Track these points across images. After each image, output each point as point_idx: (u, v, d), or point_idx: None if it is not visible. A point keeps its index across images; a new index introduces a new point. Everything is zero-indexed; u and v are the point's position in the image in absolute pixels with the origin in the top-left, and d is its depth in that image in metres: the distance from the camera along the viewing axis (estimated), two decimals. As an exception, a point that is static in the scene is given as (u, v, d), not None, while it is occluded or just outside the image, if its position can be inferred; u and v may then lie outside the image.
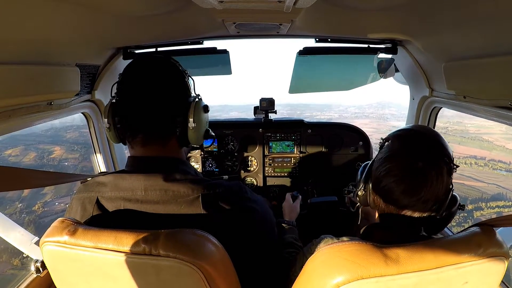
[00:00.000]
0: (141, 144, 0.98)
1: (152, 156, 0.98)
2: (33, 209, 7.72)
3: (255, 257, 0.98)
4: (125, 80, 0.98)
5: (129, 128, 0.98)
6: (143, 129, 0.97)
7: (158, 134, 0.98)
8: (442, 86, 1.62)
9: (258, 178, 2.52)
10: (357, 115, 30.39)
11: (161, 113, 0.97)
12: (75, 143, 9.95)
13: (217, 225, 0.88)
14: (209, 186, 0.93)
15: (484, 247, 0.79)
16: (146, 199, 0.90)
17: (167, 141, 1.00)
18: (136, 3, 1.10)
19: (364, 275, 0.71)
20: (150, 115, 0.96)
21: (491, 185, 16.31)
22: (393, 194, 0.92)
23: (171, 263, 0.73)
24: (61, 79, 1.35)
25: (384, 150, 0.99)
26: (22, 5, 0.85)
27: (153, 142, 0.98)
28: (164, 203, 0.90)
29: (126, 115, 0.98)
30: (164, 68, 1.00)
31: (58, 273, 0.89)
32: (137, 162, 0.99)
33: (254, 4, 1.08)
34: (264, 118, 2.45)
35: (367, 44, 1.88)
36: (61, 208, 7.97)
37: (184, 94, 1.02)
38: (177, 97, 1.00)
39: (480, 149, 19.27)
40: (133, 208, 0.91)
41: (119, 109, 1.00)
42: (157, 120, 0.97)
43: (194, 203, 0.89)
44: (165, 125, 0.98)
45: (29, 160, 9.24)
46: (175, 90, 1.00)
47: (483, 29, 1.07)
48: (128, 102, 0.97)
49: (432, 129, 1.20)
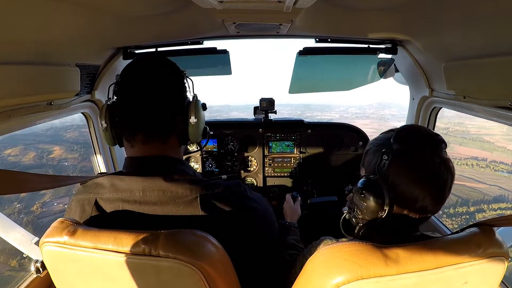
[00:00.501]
0: (141, 142, 0.98)
1: (151, 156, 0.98)
2: (31, 209, 7.66)
3: (256, 257, 0.98)
4: (124, 81, 0.99)
5: (128, 128, 0.98)
6: (143, 127, 0.97)
7: (158, 132, 0.98)
8: (442, 86, 1.62)
9: (258, 178, 2.52)
10: (358, 115, 30.39)
11: (161, 111, 0.97)
12: (74, 142, 9.92)
13: (216, 225, 0.87)
14: (208, 186, 0.92)
15: (484, 247, 0.79)
16: (144, 200, 0.90)
17: (167, 139, 1.00)
18: (136, 3, 1.10)
19: (364, 275, 0.71)
20: (150, 114, 0.96)
21: (493, 187, 16.20)
22: (427, 207, 0.88)
23: (171, 264, 0.73)
24: (61, 79, 1.35)
25: (397, 161, 0.89)
26: (22, 5, 0.85)
27: (153, 140, 0.98)
28: (162, 204, 0.89)
29: (124, 115, 0.98)
30: (162, 67, 1.02)
31: (58, 274, 0.89)
32: (135, 162, 0.99)
33: (254, 4, 1.08)
34: (264, 118, 2.45)
35: (367, 44, 1.88)
36: (60, 208, 7.88)
37: (182, 93, 1.04)
38: (176, 95, 1.01)
39: (482, 150, 19.16)
40: (131, 209, 0.90)
41: (117, 109, 1.00)
42: (157, 118, 0.97)
43: (193, 204, 0.89)
44: (165, 123, 0.99)
45: (28, 160, 9.22)
46: (174, 89, 1.01)
47: (483, 29, 1.07)
48: (127, 102, 0.97)
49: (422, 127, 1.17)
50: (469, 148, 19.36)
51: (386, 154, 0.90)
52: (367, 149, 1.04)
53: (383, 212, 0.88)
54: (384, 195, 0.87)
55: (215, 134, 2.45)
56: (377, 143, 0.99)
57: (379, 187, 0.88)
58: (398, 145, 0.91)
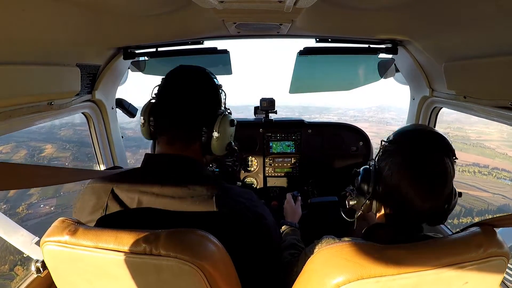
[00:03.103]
0: (167, 142, 1.04)
1: (173, 154, 1.02)
2: (16, 211, 7.37)
3: (259, 260, 0.99)
4: (165, 85, 1.07)
5: (160, 128, 1.06)
6: (171, 130, 1.04)
7: (183, 136, 1.04)
8: (442, 86, 1.62)
9: (259, 178, 2.52)
10: (357, 118, 30.26)
11: (191, 120, 1.03)
12: (67, 141, 9.69)
13: (229, 224, 0.91)
14: (224, 188, 0.97)
15: (485, 247, 0.79)
16: (162, 193, 0.93)
17: (191, 144, 1.05)
18: (137, 3, 1.11)
19: (364, 275, 0.71)
20: (181, 120, 1.03)
21: (496, 196, 15.82)
22: (414, 202, 0.89)
23: (172, 263, 0.73)
24: (61, 79, 1.35)
25: (390, 154, 0.96)
26: (22, 5, 0.85)
27: (178, 142, 1.03)
28: (180, 198, 0.92)
29: (159, 116, 1.06)
30: (201, 79, 1.08)
31: (58, 273, 0.89)
32: (156, 158, 1.05)
33: (254, 4, 1.08)
34: (265, 118, 2.45)
35: (367, 44, 1.88)
36: (46, 211, 7.57)
37: (214, 107, 1.08)
38: (207, 108, 1.06)
39: (483, 156, 18.76)
40: (148, 200, 0.93)
41: (155, 110, 1.07)
42: (187, 122, 1.03)
43: (209, 202, 0.92)
44: (191, 132, 1.04)
45: (19, 158, 9.01)
46: (207, 102, 1.07)
47: (484, 29, 1.07)
48: (164, 106, 1.05)
49: (428, 126, 1.21)
50: (469, 154, 19.09)
51: (383, 145, 1.00)
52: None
53: (367, 195, 0.98)
54: (370, 179, 0.98)
55: None
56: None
57: (368, 172, 1.00)
58: (393, 136, 1.00)
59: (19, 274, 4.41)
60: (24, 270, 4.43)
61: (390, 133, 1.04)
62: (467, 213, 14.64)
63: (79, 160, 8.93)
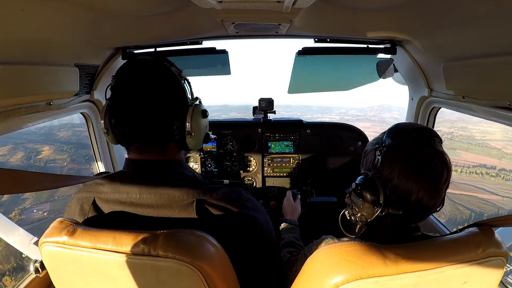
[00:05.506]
0: (138, 152, 0.96)
1: (150, 160, 0.96)
2: (9, 216, 7.37)
3: (253, 262, 0.95)
4: (117, 83, 0.95)
5: (125, 135, 0.96)
6: (139, 137, 0.94)
7: (155, 141, 0.95)
8: (441, 86, 1.62)
9: (257, 178, 2.52)
10: (359, 117, 30.21)
11: (156, 119, 0.93)
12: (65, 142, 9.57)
13: (210, 231, 0.83)
14: (206, 190, 0.90)
15: (483, 247, 0.79)
16: (141, 203, 0.90)
17: (165, 146, 0.97)
18: (135, 3, 1.10)
19: (363, 275, 0.71)
20: (145, 122, 0.92)
21: (506, 199, 15.08)
22: (424, 200, 0.89)
23: (170, 264, 0.73)
24: (60, 79, 1.35)
25: (392, 160, 0.91)
26: (21, 5, 0.84)
27: (150, 149, 0.95)
28: (158, 207, 0.89)
29: (120, 120, 0.95)
30: (157, 71, 0.95)
31: (57, 274, 0.89)
32: (134, 164, 0.97)
33: (253, 4, 1.08)
34: (263, 118, 2.45)
35: (366, 44, 1.88)
36: (39, 216, 7.37)
37: (180, 98, 0.97)
38: (172, 101, 0.95)
39: (489, 157, 18.12)
40: (128, 210, 0.90)
41: (112, 113, 0.97)
42: (153, 127, 0.93)
43: (188, 208, 0.88)
44: (162, 132, 0.94)
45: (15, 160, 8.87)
46: (169, 94, 0.95)
47: (483, 29, 1.07)
48: (122, 108, 0.94)
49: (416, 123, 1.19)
50: (475, 155, 18.43)
51: (379, 150, 0.94)
52: (364, 150, 1.07)
53: (379, 207, 0.90)
54: (378, 189, 0.90)
55: (214, 134, 2.44)
56: (373, 143, 1.03)
57: (374, 182, 0.92)
58: (390, 140, 0.94)
59: (7, 286, 4.37)
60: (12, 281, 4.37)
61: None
62: (477, 218, 13.56)
63: (75, 162, 8.83)
